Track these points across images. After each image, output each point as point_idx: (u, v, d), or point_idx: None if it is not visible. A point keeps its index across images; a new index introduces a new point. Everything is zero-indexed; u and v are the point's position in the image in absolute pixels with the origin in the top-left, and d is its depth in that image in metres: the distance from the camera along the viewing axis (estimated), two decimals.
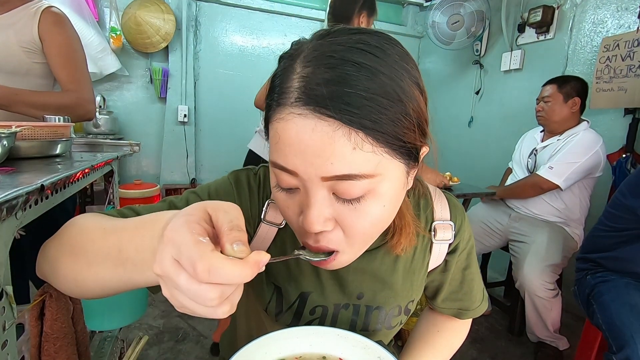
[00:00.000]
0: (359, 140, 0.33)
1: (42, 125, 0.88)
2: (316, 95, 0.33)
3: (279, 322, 0.54)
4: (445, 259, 0.58)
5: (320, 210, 0.36)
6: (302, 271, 0.53)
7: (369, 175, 0.35)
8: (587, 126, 1.76)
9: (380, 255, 0.53)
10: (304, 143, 0.34)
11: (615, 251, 1.24)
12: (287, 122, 0.34)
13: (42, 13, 1.14)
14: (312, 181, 0.35)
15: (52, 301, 0.59)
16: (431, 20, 2.77)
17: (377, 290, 0.54)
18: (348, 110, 0.32)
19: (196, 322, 1.85)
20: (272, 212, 0.51)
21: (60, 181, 0.60)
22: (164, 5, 2.63)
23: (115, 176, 1.21)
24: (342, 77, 0.33)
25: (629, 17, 1.91)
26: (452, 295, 0.61)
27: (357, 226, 0.38)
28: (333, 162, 0.33)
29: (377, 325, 0.55)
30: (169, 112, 2.86)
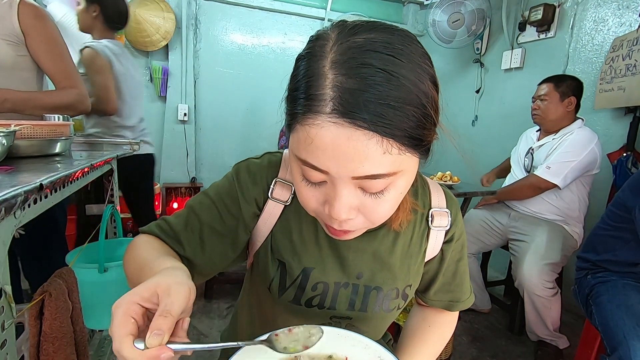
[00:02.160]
0: (389, 146, 0.37)
1: (41, 124, 0.88)
2: (352, 107, 0.35)
3: (281, 299, 0.55)
4: (441, 248, 0.60)
5: (347, 202, 0.40)
6: (306, 247, 0.55)
7: (393, 173, 0.39)
8: (581, 124, 1.77)
9: (380, 235, 0.56)
10: (338, 149, 0.37)
11: (615, 251, 1.23)
12: (322, 129, 0.37)
13: (20, 5, 1.11)
14: (342, 179, 0.39)
15: (52, 300, 0.58)
16: (431, 19, 2.76)
17: (375, 271, 0.56)
18: (382, 122, 0.36)
19: (196, 320, 1.85)
20: (278, 190, 0.54)
21: (60, 180, 0.60)
22: (163, 3, 2.62)
23: (114, 175, 1.21)
24: (373, 87, 0.35)
25: (630, 15, 1.91)
26: (445, 287, 0.63)
27: (378, 213, 0.43)
28: (365, 165, 0.37)
29: (375, 306, 0.56)
30: (169, 111, 2.86)
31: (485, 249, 2.05)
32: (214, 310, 1.94)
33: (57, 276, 0.65)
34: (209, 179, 3.02)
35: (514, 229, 1.86)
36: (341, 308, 0.56)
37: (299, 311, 0.56)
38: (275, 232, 0.55)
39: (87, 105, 1.24)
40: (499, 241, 1.97)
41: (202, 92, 2.95)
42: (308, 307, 0.55)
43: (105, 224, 1.02)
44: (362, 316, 0.56)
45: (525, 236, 1.77)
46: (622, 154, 1.85)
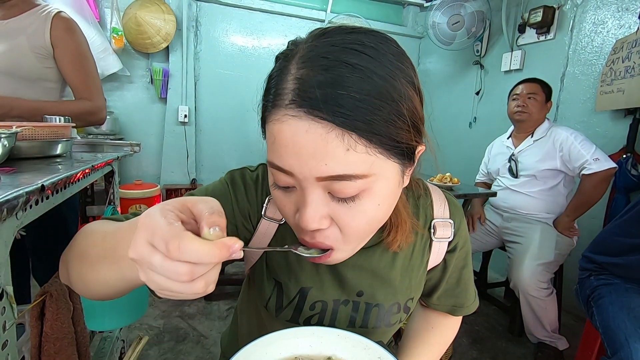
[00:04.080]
0: (352, 142, 0.33)
1: (43, 126, 0.88)
2: (310, 97, 0.33)
3: (279, 318, 0.54)
4: (444, 257, 0.58)
5: (315, 209, 0.37)
6: (302, 267, 0.53)
7: (363, 175, 0.35)
8: (552, 122, 1.84)
9: (379, 252, 0.54)
10: (298, 144, 0.34)
11: (622, 257, 1.22)
12: (282, 124, 0.35)
13: (54, 18, 1.15)
14: (307, 181, 0.36)
15: (53, 301, 0.59)
16: (431, 21, 2.77)
17: (376, 287, 0.54)
18: (341, 112, 0.33)
19: (197, 322, 1.85)
20: (272, 208, 0.52)
21: (61, 181, 0.60)
22: (164, 5, 2.63)
23: (115, 176, 1.21)
24: (336, 79, 0.33)
25: (629, 17, 1.91)
26: (448, 293, 0.62)
27: (353, 224, 0.38)
28: (327, 163, 0.34)
29: (376, 322, 0.55)
30: (169, 113, 2.86)
31: (482, 249, 2.07)
32: (214, 312, 1.94)
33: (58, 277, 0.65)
34: (209, 181, 3.01)
35: (507, 230, 1.87)
36: (341, 325, 0.54)
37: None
38: (270, 253, 0.54)
39: (100, 117, 1.26)
40: (496, 241, 1.99)
41: (203, 94, 2.96)
42: (306, 324, 0.54)
43: None
44: (362, 332, 0.55)
45: (520, 237, 1.79)
46: (622, 155, 1.86)
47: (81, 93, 1.22)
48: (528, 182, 1.83)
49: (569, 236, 1.76)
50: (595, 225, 1.92)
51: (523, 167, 1.84)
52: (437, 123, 3.32)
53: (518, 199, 1.86)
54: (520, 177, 1.86)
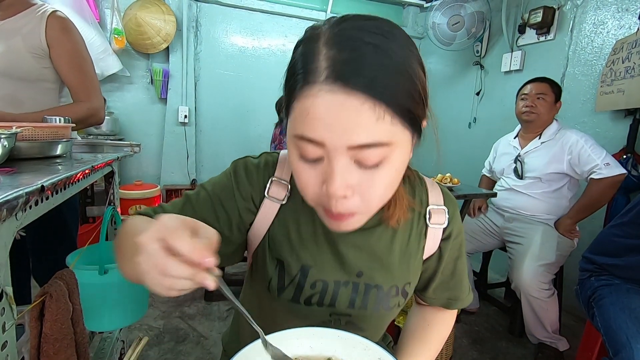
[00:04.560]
0: (381, 112, 0.37)
1: (43, 126, 0.88)
2: (343, 73, 0.37)
3: (281, 298, 0.55)
4: (439, 245, 0.60)
5: (343, 176, 0.40)
6: (304, 245, 0.55)
7: (387, 143, 0.39)
8: (560, 124, 1.81)
9: (377, 233, 0.56)
10: (332, 116, 0.38)
11: (622, 258, 1.21)
12: (317, 98, 0.38)
13: (49, 18, 1.14)
14: (337, 150, 0.39)
15: (52, 302, 0.58)
16: (431, 22, 2.77)
17: (375, 269, 0.56)
18: (372, 86, 0.37)
19: (197, 323, 1.85)
20: (274, 189, 0.54)
21: (61, 182, 0.60)
22: (164, 6, 2.63)
23: (115, 177, 1.21)
24: (363, 57, 0.37)
25: (629, 18, 1.91)
26: (443, 285, 0.63)
27: (372, 192, 0.42)
28: (359, 132, 0.38)
29: (375, 304, 0.56)
30: (169, 113, 2.87)
31: (482, 249, 2.06)
32: (214, 312, 1.94)
33: (58, 277, 0.65)
34: None
35: (509, 230, 1.87)
36: (341, 306, 0.56)
37: (298, 310, 0.55)
38: (273, 231, 0.55)
39: (98, 118, 1.25)
40: (496, 241, 1.99)
41: (203, 94, 2.96)
42: (307, 305, 0.55)
43: (105, 225, 1.02)
44: (362, 314, 0.56)
45: (521, 238, 1.78)
46: (622, 155, 1.86)
47: (78, 93, 1.21)
48: (532, 184, 1.82)
49: (570, 238, 1.75)
50: (596, 226, 1.92)
51: (529, 168, 1.83)
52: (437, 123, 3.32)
53: (520, 199, 1.86)
54: (525, 178, 1.85)
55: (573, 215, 1.74)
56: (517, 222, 1.85)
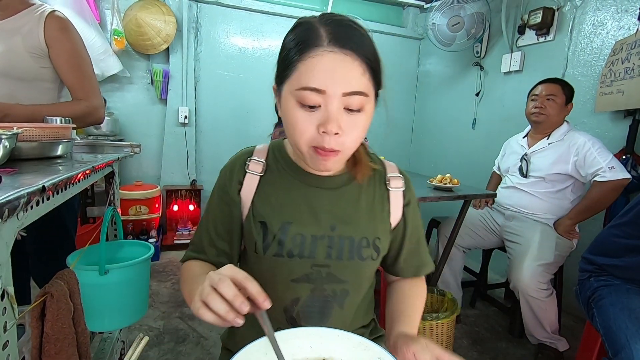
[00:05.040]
0: (365, 69, 0.53)
1: (43, 127, 0.88)
2: (341, 40, 0.52)
3: (266, 256, 0.63)
4: (403, 212, 0.71)
5: (337, 118, 0.54)
6: (283, 206, 0.65)
7: (365, 93, 0.54)
8: (570, 126, 1.81)
9: (346, 192, 0.68)
10: (335, 70, 0.52)
11: (621, 258, 1.21)
12: (323, 57, 0.52)
13: (47, 18, 1.14)
14: (335, 96, 0.53)
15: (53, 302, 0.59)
16: (431, 22, 2.77)
17: (345, 222, 0.65)
18: (359, 49, 0.53)
19: (196, 323, 1.85)
20: (253, 165, 0.68)
21: (62, 182, 0.60)
22: (164, 7, 2.64)
23: (116, 177, 1.21)
24: (352, 31, 0.54)
25: (628, 19, 1.92)
26: (412, 253, 0.73)
27: (355, 132, 0.56)
28: (352, 81, 0.53)
29: (349, 255, 0.64)
30: (169, 114, 2.87)
31: (482, 245, 2.06)
32: None
33: (59, 277, 0.65)
34: (209, 182, 3.02)
35: (508, 228, 1.88)
36: (320, 257, 0.64)
37: (283, 264, 0.63)
38: (255, 200, 0.66)
39: (97, 116, 1.25)
40: (496, 239, 1.99)
41: (203, 95, 2.96)
42: (290, 257, 0.63)
43: (106, 225, 1.02)
44: (339, 264, 0.64)
45: (519, 237, 1.78)
46: (621, 156, 1.86)
47: (77, 93, 1.21)
48: (536, 182, 1.82)
49: (569, 238, 1.75)
50: (595, 227, 1.92)
51: (534, 167, 1.83)
52: (437, 124, 3.33)
53: (522, 197, 1.86)
54: (529, 177, 1.85)
55: (573, 216, 1.74)
56: (516, 221, 1.86)
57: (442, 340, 1.58)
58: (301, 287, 0.64)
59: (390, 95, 3.72)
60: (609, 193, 1.64)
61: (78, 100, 1.20)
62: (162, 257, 2.66)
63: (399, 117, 3.56)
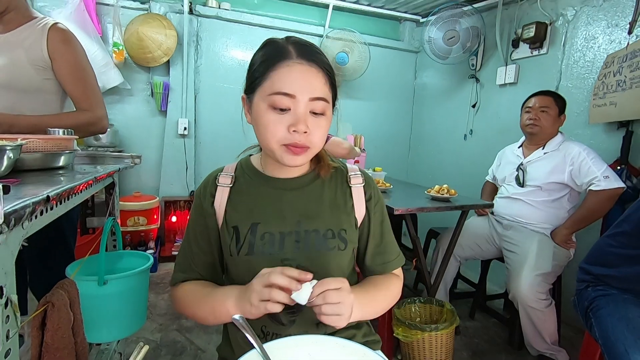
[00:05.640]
0: (326, 80, 0.64)
1: (46, 138, 0.89)
2: (307, 55, 0.63)
3: (240, 256, 0.68)
4: (366, 207, 0.76)
5: (305, 118, 0.62)
6: (251, 210, 0.71)
7: (327, 99, 0.64)
8: (565, 137, 1.84)
9: (309, 190, 0.74)
10: (302, 79, 0.62)
11: (617, 269, 1.21)
12: (292, 67, 0.62)
13: (50, 30, 1.16)
14: (302, 101, 0.62)
15: (54, 311, 0.59)
16: (427, 36, 2.83)
17: (310, 217, 0.71)
18: (323, 64, 0.64)
19: (194, 336, 1.83)
20: (222, 179, 0.75)
21: (65, 192, 0.61)
22: (166, 21, 2.69)
23: (116, 188, 1.22)
24: (314, 49, 0.65)
25: (619, 33, 1.97)
26: (377, 250, 0.78)
27: (318, 131, 0.65)
28: (316, 88, 0.63)
29: (317, 246, 0.69)
30: (169, 125, 2.89)
31: (480, 256, 2.07)
32: (211, 326, 1.92)
33: (59, 287, 0.65)
34: None
35: (506, 238, 1.89)
36: (288, 252, 0.69)
37: (255, 262, 0.67)
38: (228, 209, 0.72)
39: (100, 126, 1.26)
40: (494, 250, 2.00)
41: (203, 107, 2.99)
42: (261, 255, 0.68)
43: (106, 236, 1.02)
44: (307, 256, 0.69)
45: (517, 247, 1.79)
46: (616, 167, 1.89)
47: (81, 104, 1.22)
48: (533, 192, 1.84)
49: (566, 248, 1.76)
50: (592, 236, 1.93)
51: (530, 177, 1.85)
52: (434, 135, 3.36)
53: (519, 207, 1.87)
54: (526, 186, 1.87)
55: (569, 225, 1.75)
56: (514, 231, 1.87)
57: (442, 351, 1.58)
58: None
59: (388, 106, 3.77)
60: (604, 202, 1.65)
61: (82, 111, 1.22)
62: (160, 269, 2.64)
63: (396, 129, 3.59)
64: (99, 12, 2.62)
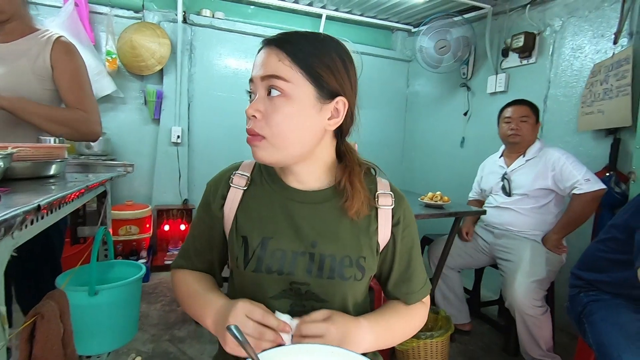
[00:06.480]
0: (284, 57, 0.57)
1: (38, 147, 0.89)
2: (272, 40, 0.59)
3: (247, 270, 0.63)
4: (392, 231, 0.67)
5: (256, 102, 0.58)
6: (264, 221, 0.64)
7: (283, 77, 0.56)
8: (543, 142, 1.89)
9: (328, 207, 0.65)
10: (259, 59, 0.59)
11: (607, 274, 1.22)
12: (256, 55, 0.61)
13: (55, 42, 1.18)
14: (257, 82, 0.59)
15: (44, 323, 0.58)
16: (419, 45, 2.88)
17: (327, 239, 0.63)
18: (285, 44, 0.57)
19: (187, 346, 1.80)
20: (237, 179, 0.68)
21: (56, 201, 0.60)
22: (159, 30, 2.69)
23: (108, 197, 1.21)
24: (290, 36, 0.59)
25: (605, 43, 2.02)
26: (402, 277, 0.69)
27: (274, 117, 0.57)
28: (267, 67, 0.57)
29: (330, 273, 0.62)
30: (162, 133, 2.88)
31: (473, 265, 2.08)
32: (205, 335, 1.89)
33: (49, 298, 0.64)
34: None
35: (499, 247, 1.90)
36: (299, 274, 0.62)
37: (262, 279, 0.62)
38: (238, 214, 0.66)
39: (93, 129, 1.23)
40: (487, 258, 2.01)
41: (196, 115, 2.99)
42: (269, 273, 0.62)
43: (97, 246, 1.01)
44: (319, 282, 0.62)
45: (510, 255, 1.81)
46: (605, 173, 1.92)
47: (75, 106, 1.21)
48: (520, 200, 1.86)
49: (558, 253, 1.78)
50: (583, 242, 1.95)
51: (516, 185, 1.88)
52: (427, 143, 3.39)
53: (509, 216, 1.89)
54: (513, 195, 1.89)
55: (558, 230, 1.78)
56: (506, 239, 1.88)
57: (437, 359, 1.57)
58: (280, 304, 0.62)
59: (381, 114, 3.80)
60: (588, 204, 1.69)
61: (78, 110, 1.20)
62: (152, 278, 2.60)
63: (390, 136, 3.62)
64: (92, 20, 2.62)
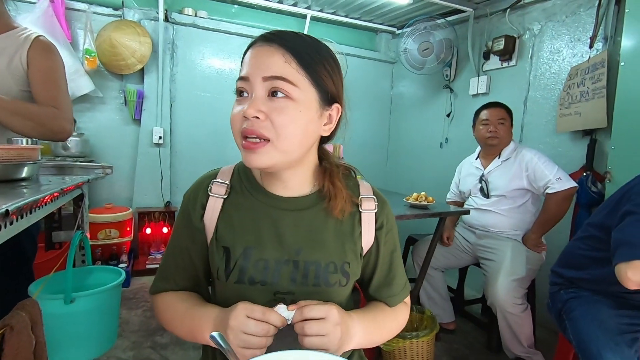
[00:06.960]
0: (290, 58, 0.54)
1: (7, 148, 0.84)
2: (270, 37, 0.56)
3: (228, 282, 0.61)
4: (375, 235, 0.67)
5: (257, 102, 0.54)
6: (246, 230, 0.62)
7: (289, 80, 0.54)
8: (517, 143, 1.95)
9: (312, 214, 0.64)
10: (257, 58, 0.55)
11: (590, 271, 1.25)
12: (251, 51, 0.57)
13: (34, 41, 1.13)
14: (256, 82, 0.54)
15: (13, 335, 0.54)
16: (403, 47, 2.90)
17: (311, 246, 0.62)
18: (288, 43, 0.55)
19: (170, 352, 1.76)
20: (216, 188, 0.65)
21: (27, 205, 0.57)
22: (140, 28, 2.62)
23: (85, 200, 1.17)
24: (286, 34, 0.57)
25: (581, 47, 2.08)
26: (384, 281, 0.70)
27: (279, 118, 0.54)
28: (271, 67, 0.54)
29: (315, 280, 0.61)
30: (143, 134, 2.81)
31: (456, 265, 2.12)
32: (188, 342, 1.85)
33: (20, 308, 0.61)
34: None
35: (481, 247, 1.93)
36: (283, 284, 0.60)
37: (245, 291, 0.60)
38: (219, 224, 0.63)
39: (64, 127, 1.14)
40: (470, 258, 2.05)
41: (178, 115, 2.93)
42: (251, 284, 0.60)
43: (73, 251, 0.97)
44: (304, 290, 0.60)
45: (492, 254, 1.84)
46: (582, 173, 1.98)
47: (47, 102, 1.13)
48: (498, 201, 1.90)
49: (537, 252, 1.83)
50: (562, 240, 2.00)
51: (493, 187, 1.92)
52: (411, 143, 3.43)
53: (489, 217, 1.93)
54: (491, 197, 1.93)
55: (536, 230, 1.83)
56: (488, 239, 1.92)
57: (423, 359, 1.58)
58: None
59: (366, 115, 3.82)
60: (562, 202, 1.75)
61: (48, 106, 1.13)
62: (133, 283, 2.54)
63: (374, 137, 3.64)
64: (68, 17, 2.53)
